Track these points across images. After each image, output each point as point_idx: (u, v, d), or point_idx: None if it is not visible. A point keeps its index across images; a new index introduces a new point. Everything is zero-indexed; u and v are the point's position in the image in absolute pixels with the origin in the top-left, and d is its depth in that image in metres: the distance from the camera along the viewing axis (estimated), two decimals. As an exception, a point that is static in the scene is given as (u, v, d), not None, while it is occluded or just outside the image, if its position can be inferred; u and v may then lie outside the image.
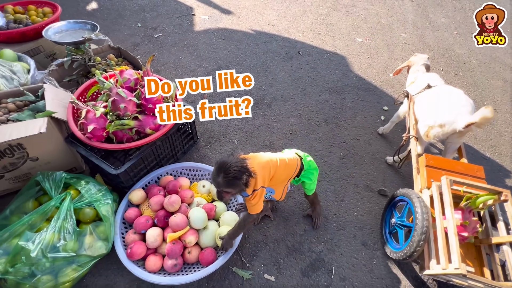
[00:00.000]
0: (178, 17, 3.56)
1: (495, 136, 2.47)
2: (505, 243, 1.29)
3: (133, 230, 1.48)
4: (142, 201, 1.59)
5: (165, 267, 1.39)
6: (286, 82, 2.78)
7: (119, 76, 1.59)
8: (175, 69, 2.80)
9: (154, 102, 1.56)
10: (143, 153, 1.59)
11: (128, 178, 1.58)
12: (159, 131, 1.59)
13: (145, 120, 1.57)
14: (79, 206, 1.39)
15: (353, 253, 1.64)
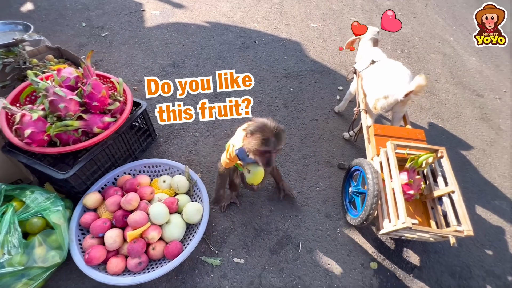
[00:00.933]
0: (127, 14, 3.39)
1: (438, 105, 2.71)
2: (444, 194, 1.43)
3: (90, 235, 1.41)
4: (98, 204, 1.52)
5: (129, 267, 1.35)
6: (244, 71, 2.78)
7: (56, 75, 1.48)
8: (127, 68, 2.68)
9: (98, 99, 1.48)
10: (93, 154, 1.51)
11: (80, 182, 1.50)
12: (108, 130, 1.51)
13: (91, 119, 1.48)
14: (24, 218, 1.29)
15: (318, 226, 1.71)
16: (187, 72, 2.69)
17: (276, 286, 1.46)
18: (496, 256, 1.69)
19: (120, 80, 1.67)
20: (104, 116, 1.54)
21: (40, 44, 2.09)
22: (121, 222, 1.41)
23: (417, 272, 1.58)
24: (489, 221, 1.85)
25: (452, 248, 1.69)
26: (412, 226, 1.26)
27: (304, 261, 1.56)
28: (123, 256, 1.38)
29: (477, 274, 1.61)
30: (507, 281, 1.60)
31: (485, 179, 2.12)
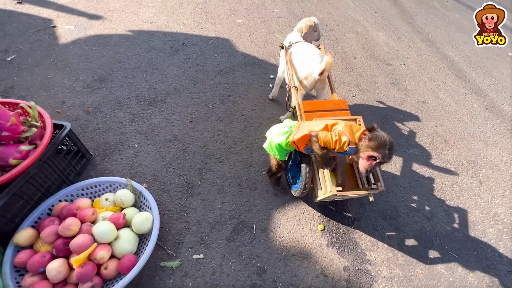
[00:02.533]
0: (34, 32, 3.07)
1: (357, 77, 3.06)
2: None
3: (29, 273, 1.31)
4: (34, 239, 1.41)
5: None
6: (176, 75, 2.77)
7: None
8: (45, 91, 2.46)
9: (8, 128, 1.36)
10: (15, 188, 1.39)
11: (5, 221, 1.37)
12: (28, 159, 1.41)
13: (4, 151, 1.36)
14: None
15: (268, 206, 1.84)
16: (115, 85, 2.58)
17: (238, 269, 1.55)
18: (415, 194, 2.03)
19: (32, 103, 1.54)
20: (20, 145, 1.42)
21: None
22: (63, 251, 1.34)
23: (357, 224, 1.82)
24: (407, 168, 2.20)
25: (382, 196, 1.98)
26: (337, 193, 1.45)
27: (260, 240, 1.67)
28: (72, 285, 1.32)
29: (403, 212, 1.92)
30: (425, 212, 1.94)
31: (400, 133, 2.49)
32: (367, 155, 1.29)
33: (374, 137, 1.28)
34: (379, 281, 1.58)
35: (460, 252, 1.75)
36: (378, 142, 1.27)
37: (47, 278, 1.29)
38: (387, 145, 1.26)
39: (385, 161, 1.29)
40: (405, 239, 1.78)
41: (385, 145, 1.26)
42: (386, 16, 4.38)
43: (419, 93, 2.96)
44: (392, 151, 1.28)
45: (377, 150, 1.27)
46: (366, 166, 1.31)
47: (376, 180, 1.53)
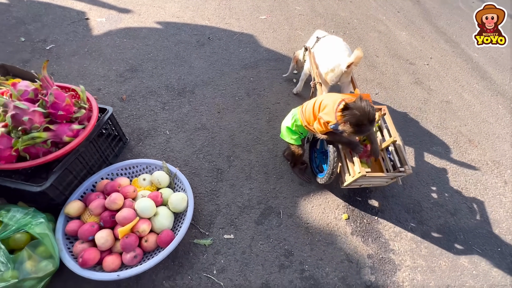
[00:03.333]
0: (70, 24, 3.24)
1: (379, 75, 3.08)
2: (389, 144, 1.72)
3: (79, 240, 1.43)
4: (81, 211, 1.53)
5: (125, 262, 1.40)
6: (203, 68, 2.87)
7: (13, 89, 1.45)
8: (81, 78, 2.60)
9: (63, 108, 1.49)
10: (67, 163, 1.51)
11: (58, 193, 1.49)
12: (79, 137, 1.52)
13: (59, 129, 1.48)
14: (5, 236, 1.27)
15: (294, 194, 1.91)
16: (146, 75, 2.70)
17: (266, 250, 1.63)
18: (438, 190, 2.06)
19: (81, 87, 1.67)
20: (71, 124, 1.54)
21: (-20, 63, 1.96)
22: (109, 222, 1.45)
23: (381, 215, 1.86)
24: (430, 164, 2.23)
25: (405, 191, 2.02)
26: (366, 174, 1.51)
27: (287, 225, 1.75)
28: (117, 253, 1.43)
29: (426, 207, 1.95)
30: (449, 207, 1.97)
31: (423, 131, 2.51)
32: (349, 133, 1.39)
33: (350, 115, 1.31)
34: (403, 269, 1.63)
35: (484, 247, 1.77)
36: (355, 119, 1.31)
37: (95, 246, 1.41)
38: (364, 121, 1.30)
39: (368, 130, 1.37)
40: (428, 232, 1.81)
41: (362, 122, 1.30)
42: (409, 16, 4.35)
43: (442, 93, 2.95)
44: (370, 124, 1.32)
45: (356, 129, 1.34)
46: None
47: (404, 163, 1.57)
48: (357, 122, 1.32)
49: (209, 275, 1.50)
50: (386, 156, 1.76)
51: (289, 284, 1.51)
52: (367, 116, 1.30)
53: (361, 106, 1.30)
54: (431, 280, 1.61)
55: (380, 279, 1.58)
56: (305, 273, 1.56)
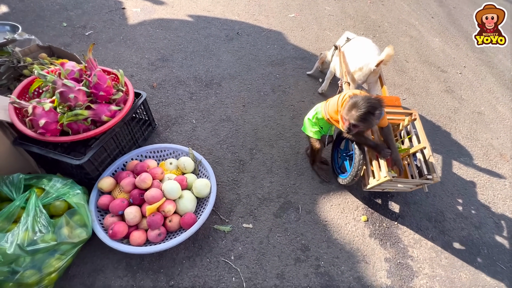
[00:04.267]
0: (107, 12, 3.41)
1: (408, 81, 3.01)
2: (417, 150, 1.69)
3: (110, 214, 1.52)
4: (112, 187, 1.63)
5: (150, 238, 1.48)
6: (231, 62, 2.93)
7: (62, 68, 1.56)
8: (116, 64, 2.73)
9: (104, 89, 1.58)
10: (103, 141, 1.61)
11: (93, 168, 1.60)
12: (116, 117, 1.62)
13: (99, 108, 1.58)
14: (47, 202, 1.38)
15: (313, 191, 1.92)
16: (176, 65, 2.80)
17: (283, 243, 1.66)
18: (464, 202, 1.99)
19: (121, 71, 1.76)
20: (110, 105, 1.64)
21: (30, 44, 2.11)
22: (138, 199, 1.54)
23: (401, 220, 1.84)
24: (457, 174, 2.16)
25: (428, 199, 1.97)
26: (392, 179, 1.49)
27: (305, 221, 1.76)
28: (143, 230, 1.51)
29: (449, 217, 1.89)
30: (473, 220, 1.90)
31: (451, 140, 2.43)
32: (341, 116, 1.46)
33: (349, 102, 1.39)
34: (420, 277, 1.60)
35: (509, 265, 1.71)
36: (349, 105, 1.38)
37: (124, 220, 1.50)
38: (358, 108, 1.34)
39: (356, 124, 1.39)
40: (450, 242, 1.77)
41: (355, 107, 1.35)
42: (444, 22, 4.20)
43: (474, 104, 2.84)
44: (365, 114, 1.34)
45: (347, 113, 1.40)
46: (343, 126, 1.47)
47: (432, 171, 1.55)
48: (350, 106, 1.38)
49: (226, 260, 1.55)
50: (412, 162, 1.73)
51: (304, 277, 1.53)
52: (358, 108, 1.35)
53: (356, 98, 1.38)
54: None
55: (396, 284, 1.56)
56: (320, 269, 1.57)
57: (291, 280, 1.52)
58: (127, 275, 1.46)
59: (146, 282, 1.45)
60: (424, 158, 1.67)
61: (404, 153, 1.74)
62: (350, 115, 1.39)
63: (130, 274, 1.47)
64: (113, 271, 1.46)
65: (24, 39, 2.04)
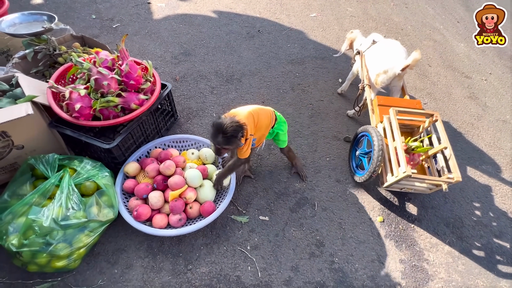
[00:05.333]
0: (134, 6, 3.52)
1: (430, 85, 2.96)
2: (438, 151, 1.67)
3: (135, 197, 1.59)
4: (137, 172, 1.70)
5: (171, 223, 1.54)
6: (251, 59, 2.97)
7: (97, 56, 1.64)
8: (141, 56, 2.83)
9: (135, 79, 1.66)
10: (131, 128, 1.68)
11: (120, 153, 1.68)
12: (144, 106, 1.69)
13: (128, 96, 1.66)
14: (78, 182, 1.46)
15: (330, 189, 1.93)
16: (198, 59, 2.86)
17: (298, 237, 1.68)
18: (484, 210, 1.95)
19: (150, 62, 1.84)
20: (139, 94, 1.71)
21: (65, 33, 2.23)
22: (161, 185, 1.60)
23: (417, 223, 1.82)
24: (478, 182, 2.11)
25: (447, 204, 1.95)
26: (412, 174, 1.49)
27: (321, 217, 1.78)
28: (165, 214, 1.57)
29: (468, 224, 1.86)
30: (493, 228, 1.86)
31: (473, 147, 2.38)
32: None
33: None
34: (436, 281, 1.59)
35: (529, 276, 1.67)
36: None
37: (148, 204, 1.56)
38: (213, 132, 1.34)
39: (220, 146, 1.37)
40: (468, 249, 1.74)
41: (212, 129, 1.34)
42: (470, 27, 4.08)
43: (499, 111, 2.76)
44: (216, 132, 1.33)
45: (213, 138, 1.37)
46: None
47: (453, 170, 1.53)
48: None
49: (243, 249, 1.60)
50: (432, 163, 1.71)
51: (317, 272, 1.55)
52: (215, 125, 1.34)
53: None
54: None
55: (410, 285, 1.56)
56: (334, 265, 1.59)
57: (305, 274, 1.54)
58: (148, 256, 1.53)
59: (166, 264, 1.51)
60: (444, 159, 1.65)
61: (423, 152, 1.72)
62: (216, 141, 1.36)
63: (151, 255, 1.53)
64: (135, 252, 1.54)
65: (59, 29, 2.15)
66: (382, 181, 1.72)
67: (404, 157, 1.54)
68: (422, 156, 1.76)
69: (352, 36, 2.45)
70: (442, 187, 1.53)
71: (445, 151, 1.64)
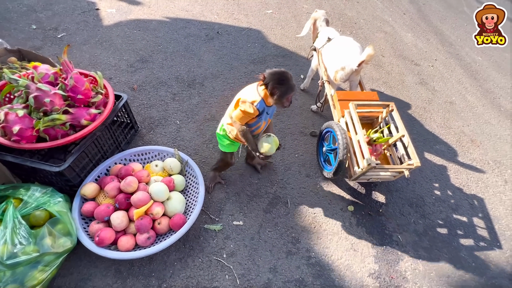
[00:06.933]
0: (80, 13, 3.27)
1: (385, 75, 3.14)
2: (397, 139, 1.77)
3: (95, 220, 1.47)
4: (96, 193, 1.57)
5: (139, 243, 1.45)
6: (212, 61, 2.91)
7: (35, 71, 1.49)
8: (93, 67, 2.63)
9: (82, 92, 1.53)
10: (84, 146, 1.55)
11: (74, 174, 1.54)
12: (96, 121, 1.57)
13: (77, 112, 1.52)
14: (26, 212, 1.32)
15: (301, 185, 1.96)
16: (156, 66, 2.74)
17: (274, 237, 1.68)
18: (441, 187, 2.11)
19: (99, 73, 1.71)
20: (89, 108, 1.58)
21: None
22: (124, 204, 1.50)
23: (384, 208, 1.92)
24: (433, 162, 2.28)
25: (409, 186, 2.07)
26: (376, 166, 1.56)
27: (294, 214, 1.80)
28: (131, 234, 1.47)
29: (429, 202, 2.00)
30: (450, 203, 2.02)
31: (427, 130, 2.56)
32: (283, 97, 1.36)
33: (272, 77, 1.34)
34: (405, 259, 1.68)
35: (484, 242, 1.83)
36: (277, 77, 1.33)
37: (111, 226, 1.45)
38: (286, 75, 1.35)
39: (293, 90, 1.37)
40: (431, 225, 1.87)
41: (290, 79, 1.35)
42: (415, 18, 4.40)
43: (446, 94, 3.01)
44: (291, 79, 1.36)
45: (283, 87, 1.33)
46: (288, 103, 1.42)
47: (412, 157, 1.63)
48: (280, 78, 1.34)
49: (219, 259, 1.55)
50: (393, 152, 1.81)
51: (296, 269, 1.56)
52: (284, 72, 1.35)
53: (274, 69, 1.37)
54: (432, 270, 1.66)
55: (383, 268, 1.63)
56: (311, 260, 1.61)
57: (284, 273, 1.54)
58: (117, 282, 1.42)
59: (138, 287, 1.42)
60: (403, 146, 1.75)
61: (384, 142, 1.81)
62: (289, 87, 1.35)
63: (120, 280, 1.43)
64: (102, 279, 1.42)
65: (-10, 43, 1.92)
66: (350, 174, 1.78)
67: (368, 150, 1.60)
68: (383, 146, 1.85)
69: (316, 16, 2.45)
70: (405, 173, 1.62)
71: (403, 138, 1.73)
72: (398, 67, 3.29)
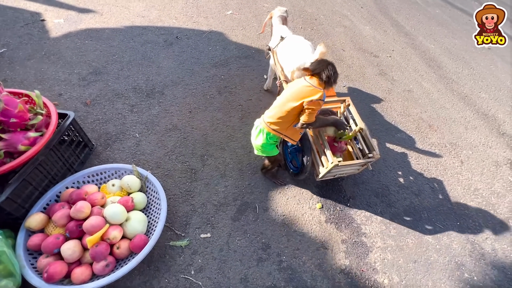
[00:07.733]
0: (23, 26, 3.02)
1: (347, 68, 3.20)
2: (356, 133, 1.80)
3: (44, 255, 1.34)
4: (45, 224, 1.44)
5: (96, 272, 1.35)
6: (172, 68, 2.81)
7: (-46, 97, 1.32)
8: (39, 83, 2.44)
9: (16, 115, 1.39)
10: (25, 174, 1.41)
11: (16, 206, 1.40)
12: (37, 145, 1.43)
13: (12, 137, 1.38)
14: (-43, 257, 1.17)
15: (269, 188, 1.94)
16: (112, 77, 2.59)
17: (244, 246, 1.64)
18: (404, 173, 2.19)
19: (36, 92, 1.56)
20: (27, 132, 1.44)
21: None
22: (76, 232, 1.38)
23: (352, 201, 1.95)
24: (395, 150, 2.36)
25: (374, 176, 2.13)
26: (339, 163, 1.57)
27: (263, 219, 1.77)
28: (87, 264, 1.37)
29: (393, 190, 2.07)
30: (413, 189, 2.10)
31: (388, 119, 2.65)
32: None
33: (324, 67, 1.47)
34: (374, 251, 1.72)
35: (445, 223, 1.92)
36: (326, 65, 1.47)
37: (62, 258, 1.34)
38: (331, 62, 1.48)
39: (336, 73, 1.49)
40: (396, 213, 1.93)
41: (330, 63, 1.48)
42: (372, 11, 4.56)
43: (404, 83, 3.14)
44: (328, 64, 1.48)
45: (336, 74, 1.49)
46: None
47: (372, 150, 1.66)
48: (329, 63, 1.49)
49: (186, 276, 1.49)
50: (355, 145, 1.83)
51: (267, 276, 1.54)
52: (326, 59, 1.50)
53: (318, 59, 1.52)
54: (400, 258, 1.71)
55: (353, 262, 1.65)
56: (282, 264, 1.59)
57: (255, 282, 1.51)
58: (75, 317, 1.31)
59: (99, 320, 1.31)
60: (363, 139, 1.78)
61: (348, 139, 1.84)
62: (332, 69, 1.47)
63: (78, 315, 1.32)
64: (57, 317, 1.30)
65: None
66: (316, 173, 1.78)
67: (329, 148, 1.61)
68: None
69: (273, 12, 2.45)
70: (368, 166, 1.64)
71: (361, 132, 1.76)
72: (358, 60, 3.38)
